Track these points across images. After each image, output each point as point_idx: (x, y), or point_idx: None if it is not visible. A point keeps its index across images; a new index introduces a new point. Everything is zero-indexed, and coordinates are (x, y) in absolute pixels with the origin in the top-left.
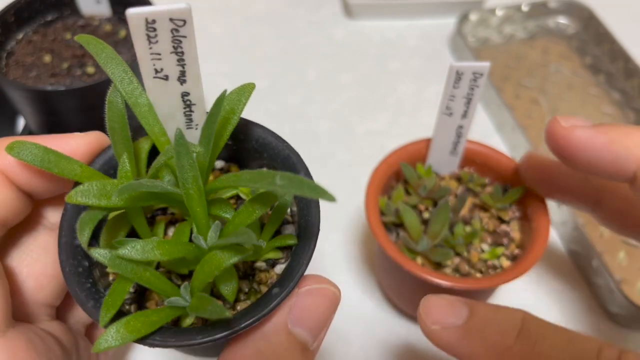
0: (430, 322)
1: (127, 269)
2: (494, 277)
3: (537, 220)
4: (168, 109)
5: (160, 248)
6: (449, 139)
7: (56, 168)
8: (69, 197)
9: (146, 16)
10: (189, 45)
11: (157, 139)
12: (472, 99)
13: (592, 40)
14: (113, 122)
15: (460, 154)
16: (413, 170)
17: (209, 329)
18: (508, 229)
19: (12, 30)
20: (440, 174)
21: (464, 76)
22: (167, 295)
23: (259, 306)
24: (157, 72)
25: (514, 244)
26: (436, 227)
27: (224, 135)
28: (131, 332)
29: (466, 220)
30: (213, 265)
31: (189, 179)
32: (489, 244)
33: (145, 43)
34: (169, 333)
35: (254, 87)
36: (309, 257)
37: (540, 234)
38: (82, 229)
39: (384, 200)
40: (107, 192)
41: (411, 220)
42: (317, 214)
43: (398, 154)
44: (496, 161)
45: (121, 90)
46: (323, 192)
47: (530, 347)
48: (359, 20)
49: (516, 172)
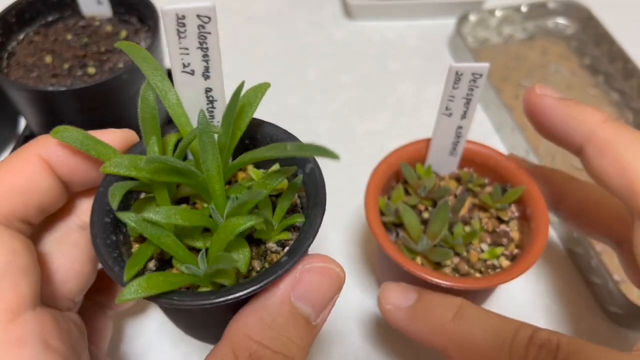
0: (385, 303)
1: (151, 232)
2: (493, 277)
3: (536, 221)
4: (193, 104)
5: (182, 214)
6: (449, 139)
7: (93, 151)
8: (103, 168)
9: (177, 12)
10: (213, 41)
11: (184, 129)
12: (471, 99)
13: (591, 41)
14: (145, 113)
15: (459, 155)
16: (413, 171)
17: (221, 292)
18: (507, 229)
19: (14, 30)
20: (439, 174)
21: (463, 77)
22: (185, 261)
23: (268, 273)
24: (184, 67)
25: (513, 243)
26: (435, 227)
27: (242, 124)
28: (151, 287)
29: (465, 220)
30: (228, 230)
31: (209, 156)
32: (488, 244)
33: (176, 38)
34: (185, 294)
35: (269, 86)
36: (315, 230)
37: (539, 234)
38: (113, 196)
39: (384, 201)
40: (137, 164)
41: (411, 220)
42: (323, 195)
43: (398, 154)
44: (495, 161)
45: (153, 86)
46: (326, 151)
47: (461, 326)
48: (359, 21)
49: (515, 172)
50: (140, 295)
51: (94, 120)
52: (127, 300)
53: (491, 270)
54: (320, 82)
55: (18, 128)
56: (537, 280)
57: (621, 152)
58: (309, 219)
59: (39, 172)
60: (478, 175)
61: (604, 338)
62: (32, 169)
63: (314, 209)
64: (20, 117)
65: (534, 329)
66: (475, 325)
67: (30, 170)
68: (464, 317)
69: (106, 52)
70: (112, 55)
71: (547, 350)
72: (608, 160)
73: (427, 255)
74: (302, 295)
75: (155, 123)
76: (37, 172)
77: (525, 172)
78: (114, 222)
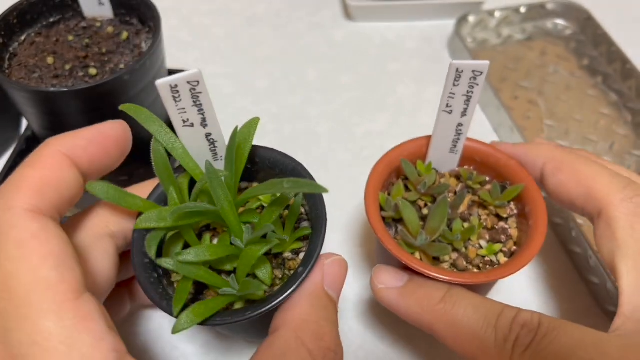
0: (378, 283)
1: (187, 270)
2: (490, 272)
3: (535, 218)
4: (197, 149)
5: (209, 251)
6: (449, 136)
7: (124, 203)
8: (136, 225)
9: (170, 83)
10: (205, 98)
11: (194, 172)
12: (471, 97)
13: (590, 42)
14: (159, 165)
15: (460, 152)
16: (413, 167)
17: (254, 307)
18: (506, 226)
19: (15, 32)
20: (440, 172)
21: (463, 74)
22: (219, 286)
23: (289, 283)
24: (184, 122)
25: (511, 240)
26: (434, 222)
27: (242, 160)
28: (197, 316)
29: (465, 217)
30: (250, 256)
31: (220, 196)
32: (486, 241)
33: (173, 102)
34: (225, 314)
35: (259, 120)
36: (322, 240)
37: (537, 231)
38: (149, 246)
39: (384, 196)
40: (163, 216)
41: (410, 216)
42: (323, 208)
43: (399, 151)
44: (495, 159)
45: (160, 141)
46: (317, 187)
47: (450, 307)
48: (359, 22)
49: (515, 171)
50: (190, 325)
51: (95, 120)
52: (181, 331)
53: (489, 266)
54: (320, 83)
55: (20, 129)
56: (536, 280)
57: (577, 166)
58: (315, 230)
59: (65, 167)
60: (478, 173)
61: None
62: (59, 165)
63: (317, 221)
64: (22, 118)
65: (518, 310)
66: (463, 305)
67: (58, 166)
68: (452, 297)
69: (107, 53)
70: (113, 56)
71: (529, 328)
72: (566, 175)
73: (425, 250)
74: (331, 284)
75: (169, 172)
76: (64, 167)
77: (525, 170)
78: (152, 261)
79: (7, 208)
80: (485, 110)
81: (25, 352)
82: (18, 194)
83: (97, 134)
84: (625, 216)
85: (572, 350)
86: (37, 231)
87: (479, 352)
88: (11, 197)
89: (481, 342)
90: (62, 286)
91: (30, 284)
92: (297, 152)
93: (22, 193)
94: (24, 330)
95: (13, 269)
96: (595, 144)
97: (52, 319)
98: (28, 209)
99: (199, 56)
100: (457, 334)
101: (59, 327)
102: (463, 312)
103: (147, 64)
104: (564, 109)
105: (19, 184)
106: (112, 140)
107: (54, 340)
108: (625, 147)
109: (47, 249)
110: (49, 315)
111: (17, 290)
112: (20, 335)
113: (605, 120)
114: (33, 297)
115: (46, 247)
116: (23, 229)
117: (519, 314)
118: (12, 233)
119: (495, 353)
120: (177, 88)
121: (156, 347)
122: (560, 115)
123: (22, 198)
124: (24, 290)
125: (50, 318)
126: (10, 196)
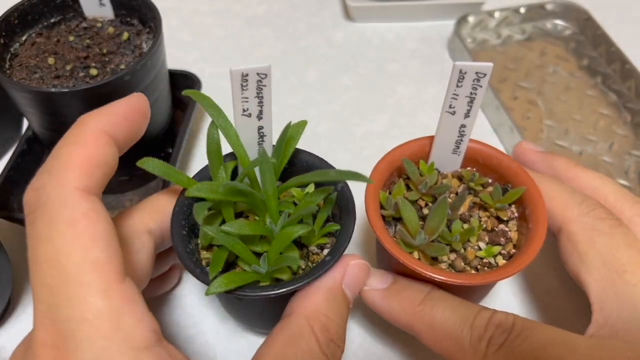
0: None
1: (226, 240)
2: (487, 274)
3: (535, 221)
4: (248, 139)
5: (249, 226)
6: (452, 137)
7: (173, 178)
8: (187, 193)
9: (242, 71)
10: (267, 92)
11: (242, 158)
12: (475, 98)
13: (589, 42)
14: (211, 147)
15: (462, 153)
16: (415, 166)
17: (284, 284)
18: (506, 229)
19: (16, 32)
20: (442, 172)
21: (467, 75)
22: (250, 262)
23: (315, 270)
24: (244, 111)
25: (511, 243)
26: (434, 222)
27: (287, 154)
28: (229, 283)
29: (465, 218)
30: (284, 237)
31: (267, 180)
32: (486, 243)
33: (240, 90)
34: (254, 287)
35: (306, 123)
36: (350, 235)
37: (536, 234)
38: (197, 212)
39: (385, 195)
40: (214, 189)
41: (409, 215)
42: (353, 207)
43: (400, 150)
44: (498, 161)
45: (218, 125)
46: (362, 177)
47: (429, 308)
48: (359, 23)
49: (516, 173)
50: (222, 289)
51: None
52: (214, 293)
53: (487, 268)
54: (320, 83)
55: (21, 129)
56: (534, 280)
57: (544, 186)
58: (344, 227)
59: (107, 145)
60: (480, 174)
61: None
62: (102, 143)
63: (347, 218)
64: (23, 119)
65: (493, 311)
66: (441, 307)
67: (102, 144)
68: (432, 300)
69: (108, 54)
70: (114, 57)
71: (503, 328)
72: None
73: (423, 249)
74: (350, 284)
75: (220, 155)
76: (106, 145)
77: (527, 173)
78: (189, 234)
79: (58, 185)
80: (485, 111)
81: (73, 328)
82: (68, 172)
83: (128, 109)
84: (584, 230)
85: (543, 348)
86: (87, 210)
87: (455, 351)
88: (62, 174)
89: (457, 341)
90: (110, 267)
91: (81, 263)
92: None
93: (73, 171)
94: (74, 307)
95: (64, 247)
96: (595, 144)
97: (101, 297)
98: (78, 187)
99: (199, 56)
100: (435, 334)
101: (107, 306)
102: (441, 314)
103: (148, 64)
104: (564, 109)
105: (67, 162)
106: (141, 114)
107: (102, 317)
108: (625, 147)
109: (97, 229)
110: (98, 294)
111: (68, 268)
112: (70, 312)
113: (605, 120)
114: (84, 276)
115: (96, 227)
116: (75, 207)
117: (494, 315)
118: (64, 211)
119: (470, 352)
120: (247, 77)
121: None
122: (560, 115)
123: (73, 176)
124: (75, 268)
125: (100, 297)
126: (61, 174)
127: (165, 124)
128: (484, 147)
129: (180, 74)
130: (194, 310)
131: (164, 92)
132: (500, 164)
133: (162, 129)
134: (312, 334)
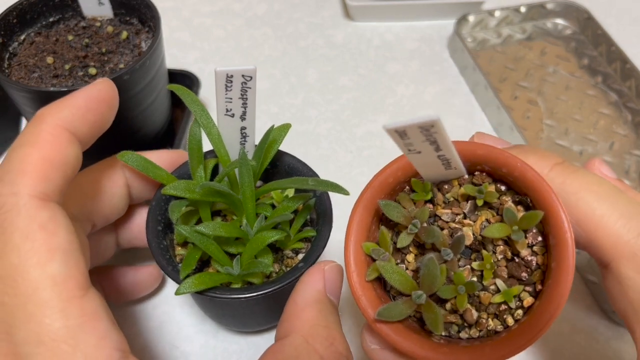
0: (370, 343)
1: (200, 240)
2: (490, 345)
3: (558, 261)
4: (230, 139)
5: (223, 228)
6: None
7: (151, 173)
8: (164, 191)
9: (227, 72)
10: (252, 94)
11: (222, 158)
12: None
13: (590, 42)
14: (192, 145)
15: (459, 166)
16: (396, 207)
17: (254, 288)
18: (529, 257)
19: (15, 31)
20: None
21: (234, 79)
22: (222, 264)
23: (287, 275)
24: (227, 111)
25: (540, 270)
26: (428, 282)
27: (268, 157)
28: (200, 284)
29: (475, 248)
30: (259, 241)
31: (246, 182)
32: (504, 279)
33: (224, 90)
34: (224, 290)
35: (290, 126)
36: (324, 243)
37: (559, 284)
38: (173, 211)
39: (370, 247)
40: (191, 188)
41: (398, 279)
42: (330, 215)
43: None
44: (508, 170)
45: (200, 123)
46: (339, 188)
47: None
48: (359, 22)
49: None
50: (192, 289)
51: None
52: (184, 293)
53: (506, 316)
54: (320, 83)
55: (19, 128)
56: None
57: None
58: (320, 233)
59: (68, 144)
60: (490, 182)
61: (602, 337)
62: (61, 142)
63: (324, 226)
64: (21, 118)
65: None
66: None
67: (60, 143)
68: None
69: (107, 53)
70: (113, 56)
71: None
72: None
73: (421, 311)
74: (330, 290)
75: (200, 153)
76: (66, 143)
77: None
78: (164, 230)
79: (11, 194)
80: (485, 110)
81: (30, 351)
82: (23, 178)
83: (91, 100)
84: (637, 274)
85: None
86: (45, 221)
87: None
88: (15, 181)
89: None
90: (70, 283)
91: (38, 280)
92: (298, 153)
93: (27, 177)
94: (30, 329)
95: (20, 262)
96: (595, 144)
97: (58, 318)
98: (34, 195)
99: (199, 56)
100: None
101: (64, 326)
102: None
103: (147, 63)
104: (564, 108)
105: (21, 167)
106: (106, 103)
107: (60, 339)
108: (625, 147)
109: (55, 241)
110: (55, 315)
111: (24, 286)
112: (26, 334)
113: (605, 120)
114: (40, 294)
115: (54, 239)
116: (30, 218)
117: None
118: (19, 222)
119: None
120: (231, 78)
121: (157, 347)
122: (560, 115)
123: (28, 183)
124: (31, 286)
125: (57, 317)
126: (14, 180)
127: (165, 123)
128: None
129: (180, 73)
130: (194, 310)
131: (163, 91)
132: (511, 173)
133: (161, 128)
134: (314, 353)
